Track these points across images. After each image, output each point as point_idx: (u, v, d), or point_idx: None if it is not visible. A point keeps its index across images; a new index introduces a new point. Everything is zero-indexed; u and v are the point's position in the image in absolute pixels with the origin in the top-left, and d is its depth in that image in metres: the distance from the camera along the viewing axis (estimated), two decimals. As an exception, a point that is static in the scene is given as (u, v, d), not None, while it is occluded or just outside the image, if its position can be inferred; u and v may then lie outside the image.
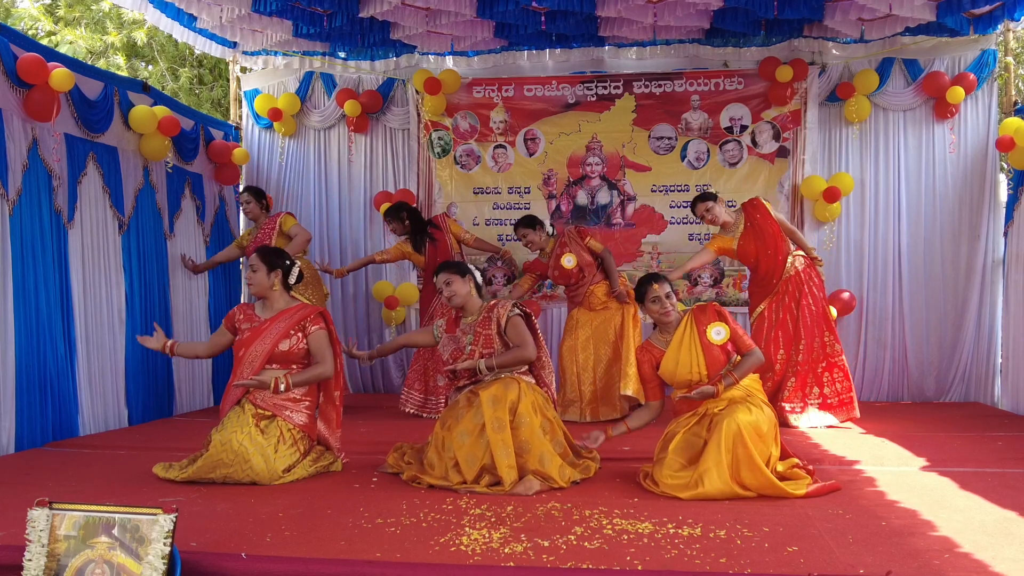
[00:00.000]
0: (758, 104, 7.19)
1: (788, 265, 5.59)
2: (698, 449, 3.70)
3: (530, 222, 6.12)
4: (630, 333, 5.93)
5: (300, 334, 4.07)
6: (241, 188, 6.34)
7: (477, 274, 4.23)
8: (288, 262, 4.23)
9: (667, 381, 3.93)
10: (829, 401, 5.52)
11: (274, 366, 4.04)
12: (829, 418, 5.49)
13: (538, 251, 6.23)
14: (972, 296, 6.85)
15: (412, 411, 6.02)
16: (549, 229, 6.19)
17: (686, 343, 3.83)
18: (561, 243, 6.04)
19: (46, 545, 2.54)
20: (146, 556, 2.49)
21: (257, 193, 6.40)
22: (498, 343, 4.02)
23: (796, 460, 3.80)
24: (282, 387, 3.94)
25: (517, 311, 4.08)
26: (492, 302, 4.14)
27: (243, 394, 4.02)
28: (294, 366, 4.08)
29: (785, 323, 5.57)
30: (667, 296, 3.89)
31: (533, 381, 4.08)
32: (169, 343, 4.23)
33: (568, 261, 5.92)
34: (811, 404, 5.50)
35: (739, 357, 3.87)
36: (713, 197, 5.65)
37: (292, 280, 4.23)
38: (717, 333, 3.80)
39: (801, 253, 5.68)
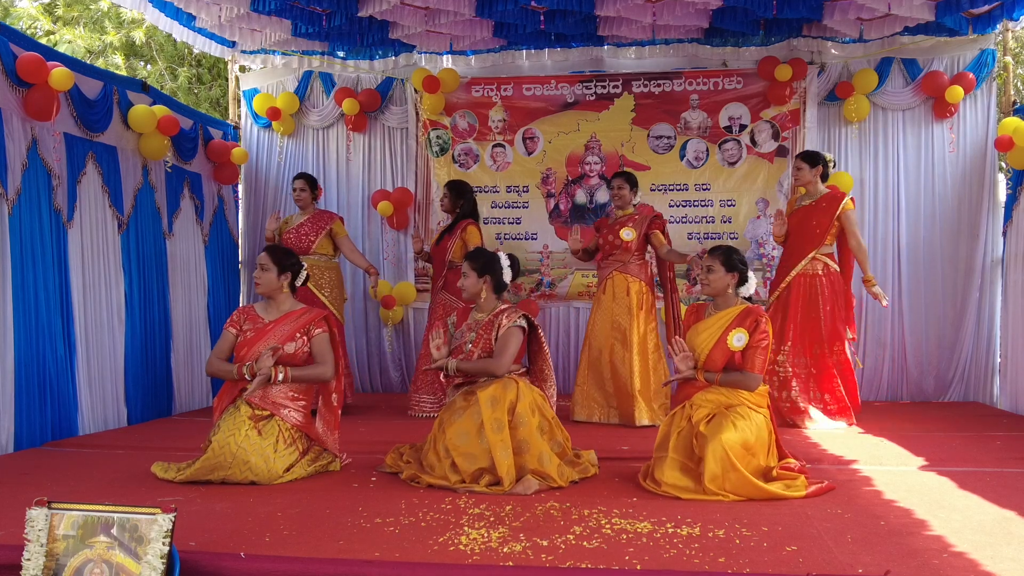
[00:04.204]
0: (757, 103, 7.18)
1: (807, 263, 5.58)
2: (695, 450, 3.71)
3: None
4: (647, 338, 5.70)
5: (304, 337, 4.07)
6: (296, 175, 6.35)
7: (506, 274, 4.15)
8: (298, 264, 4.22)
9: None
10: (830, 408, 5.49)
11: (277, 367, 4.03)
12: (836, 424, 5.44)
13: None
14: (971, 295, 6.85)
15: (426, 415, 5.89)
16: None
17: (713, 328, 3.86)
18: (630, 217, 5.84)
19: (45, 545, 2.54)
20: (145, 556, 2.50)
21: (311, 181, 6.33)
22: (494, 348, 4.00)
23: (792, 461, 3.80)
24: (280, 377, 3.92)
25: (522, 323, 4.03)
26: (504, 307, 4.11)
27: (238, 394, 4.00)
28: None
29: (798, 321, 5.58)
30: (708, 269, 3.91)
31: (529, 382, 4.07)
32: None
33: (627, 234, 5.69)
34: (817, 408, 5.48)
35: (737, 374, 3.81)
36: (819, 161, 5.69)
37: (299, 283, 4.23)
38: (738, 340, 3.78)
39: (828, 260, 5.63)
